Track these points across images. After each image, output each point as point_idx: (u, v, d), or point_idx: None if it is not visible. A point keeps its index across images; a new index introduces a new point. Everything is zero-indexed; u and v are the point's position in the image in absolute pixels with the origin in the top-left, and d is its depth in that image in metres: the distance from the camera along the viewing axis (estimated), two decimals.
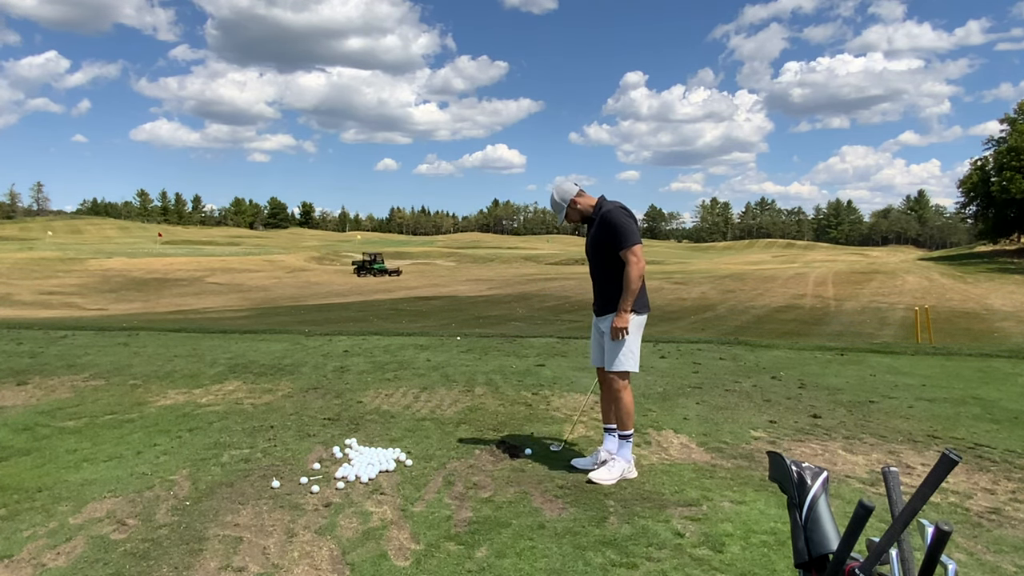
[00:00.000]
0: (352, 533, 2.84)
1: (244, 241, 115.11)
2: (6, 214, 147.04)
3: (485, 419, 4.67)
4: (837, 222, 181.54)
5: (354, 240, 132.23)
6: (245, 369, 6.50)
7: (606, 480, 3.41)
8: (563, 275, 53.95)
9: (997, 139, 60.63)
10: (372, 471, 3.52)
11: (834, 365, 7.06)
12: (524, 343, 8.43)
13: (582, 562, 2.57)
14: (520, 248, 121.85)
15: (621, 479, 3.43)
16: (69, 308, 31.70)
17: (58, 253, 59.30)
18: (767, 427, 4.56)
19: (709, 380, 6.07)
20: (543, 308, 27.79)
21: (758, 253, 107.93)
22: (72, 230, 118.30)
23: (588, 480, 3.44)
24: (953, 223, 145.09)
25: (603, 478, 3.42)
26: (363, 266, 58.67)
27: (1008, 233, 61.99)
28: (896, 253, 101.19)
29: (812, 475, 1.50)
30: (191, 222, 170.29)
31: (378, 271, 57.45)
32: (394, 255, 78.97)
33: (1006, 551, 2.71)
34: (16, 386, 5.73)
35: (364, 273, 57.25)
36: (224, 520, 2.96)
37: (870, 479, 3.55)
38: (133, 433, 4.31)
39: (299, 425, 4.49)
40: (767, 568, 2.52)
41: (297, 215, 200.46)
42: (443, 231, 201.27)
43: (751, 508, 3.10)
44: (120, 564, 2.55)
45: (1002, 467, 3.77)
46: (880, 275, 43.46)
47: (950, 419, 4.81)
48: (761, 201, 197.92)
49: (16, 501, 3.17)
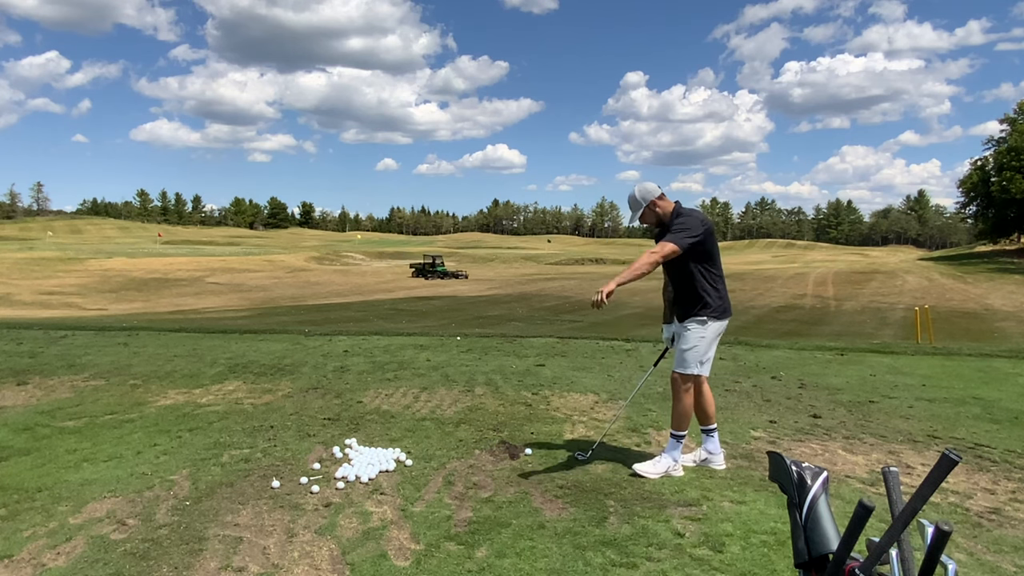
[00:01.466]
0: (352, 533, 2.84)
1: (244, 241, 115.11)
2: (6, 214, 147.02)
3: (485, 419, 4.67)
4: (837, 222, 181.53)
5: (354, 240, 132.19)
6: (245, 369, 6.50)
7: (651, 473, 3.52)
8: (563, 275, 53.96)
9: (997, 139, 60.67)
10: (372, 471, 3.52)
11: (834, 365, 7.06)
12: (524, 343, 8.43)
13: (582, 562, 2.57)
14: (520, 248, 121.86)
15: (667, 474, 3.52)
16: (69, 308, 31.69)
17: (58, 253, 59.29)
18: (767, 427, 4.56)
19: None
20: (543, 308, 27.79)
21: (758, 253, 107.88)
22: (72, 230, 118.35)
23: (632, 472, 3.55)
24: (953, 223, 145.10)
25: (648, 471, 3.53)
26: (424, 269, 55.41)
27: (1008, 233, 62.00)
28: (896, 253, 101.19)
29: (812, 475, 1.50)
30: (191, 222, 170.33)
31: (441, 274, 53.99)
32: (394, 255, 78.93)
33: (1006, 551, 2.71)
34: (16, 386, 5.73)
35: (429, 276, 53.69)
36: (224, 520, 2.96)
37: (870, 479, 3.55)
38: (133, 433, 4.31)
39: (299, 425, 4.49)
40: (767, 568, 2.52)
41: (297, 215, 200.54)
42: (443, 231, 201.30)
43: (751, 508, 3.10)
44: (120, 564, 2.55)
45: (1002, 467, 3.77)
46: (880, 275, 43.46)
47: (950, 419, 4.81)
48: (761, 201, 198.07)
49: (16, 501, 3.17)
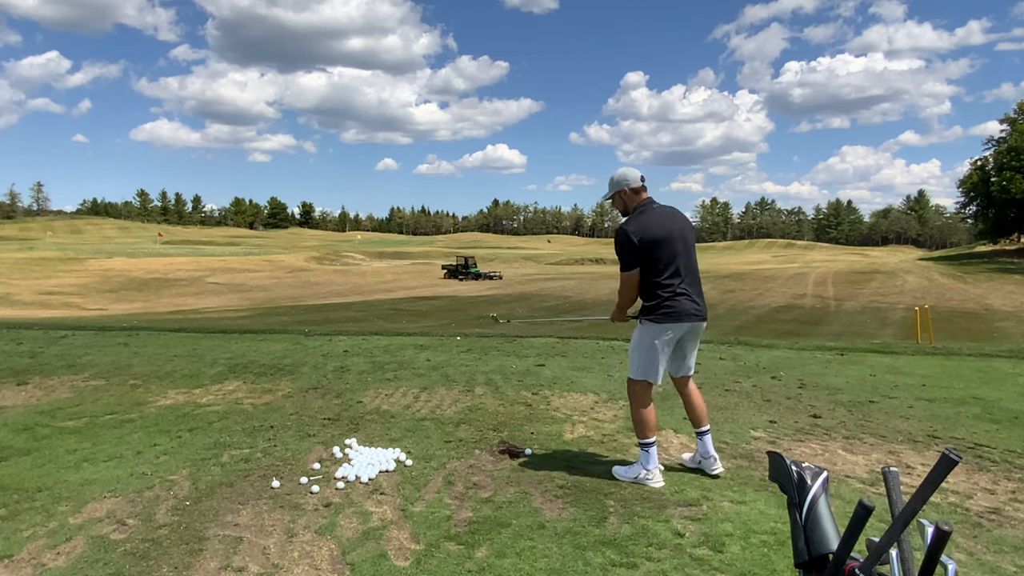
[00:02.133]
0: (352, 533, 2.84)
1: (244, 241, 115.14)
2: (6, 214, 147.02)
3: (485, 419, 4.67)
4: (837, 222, 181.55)
5: (354, 240, 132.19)
6: (245, 369, 6.50)
7: (622, 476, 3.51)
8: (563, 275, 53.99)
9: (997, 139, 60.65)
10: (372, 471, 3.52)
11: (834, 365, 7.06)
12: (524, 343, 8.43)
13: (582, 562, 2.57)
14: (520, 248, 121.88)
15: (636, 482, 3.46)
16: (69, 308, 31.69)
17: (58, 253, 59.29)
18: (767, 427, 4.56)
19: (709, 380, 6.06)
20: (543, 308, 27.80)
21: (758, 253, 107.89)
22: (72, 230, 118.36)
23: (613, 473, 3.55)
24: (953, 223, 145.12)
25: (620, 474, 3.53)
26: (456, 270, 54.37)
27: (1008, 233, 61.99)
28: (896, 253, 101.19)
29: (812, 475, 1.50)
30: (191, 222, 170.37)
31: (474, 275, 52.69)
32: (394, 255, 78.92)
33: (1006, 551, 2.71)
34: (16, 386, 5.73)
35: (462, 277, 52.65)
36: (224, 520, 2.96)
37: (870, 479, 3.54)
38: (133, 433, 4.31)
39: (299, 425, 4.49)
40: (767, 568, 2.52)
41: (297, 215, 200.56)
42: (443, 231, 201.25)
43: (751, 508, 3.10)
44: (120, 564, 2.55)
45: (1002, 467, 3.77)
46: (880, 275, 43.46)
47: (950, 419, 4.80)
48: (761, 201, 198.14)
49: (16, 501, 3.17)
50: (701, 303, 3.55)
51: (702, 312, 3.54)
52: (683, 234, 3.50)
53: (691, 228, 3.61)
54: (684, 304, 3.46)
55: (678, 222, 3.54)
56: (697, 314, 3.51)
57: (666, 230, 3.45)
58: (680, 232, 3.49)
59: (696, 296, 3.52)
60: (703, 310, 3.55)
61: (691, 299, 3.48)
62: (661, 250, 3.42)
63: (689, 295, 3.47)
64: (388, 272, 61.88)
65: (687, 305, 3.47)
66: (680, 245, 3.46)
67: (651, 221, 3.47)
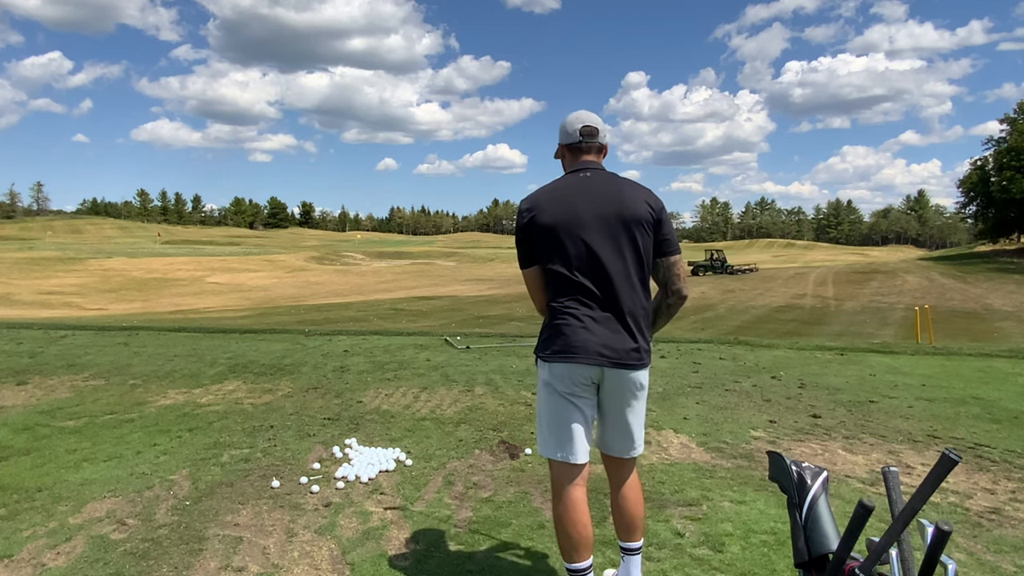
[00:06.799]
0: (352, 533, 2.84)
1: (244, 241, 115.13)
2: (6, 214, 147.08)
3: (485, 419, 4.66)
4: (837, 222, 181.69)
5: (354, 240, 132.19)
6: (245, 369, 6.50)
7: None
8: None
9: (997, 139, 60.60)
10: (372, 471, 3.52)
11: (834, 365, 7.06)
12: (524, 343, 8.43)
13: None
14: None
15: None
16: (69, 308, 31.69)
17: (58, 253, 59.28)
18: (767, 427, 4.56)
19: (709, 380, 6.06)
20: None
21: (758, 253, 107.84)
22: (72, 230, 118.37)
23: None
24: (953, 223, 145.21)
25: None
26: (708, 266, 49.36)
27: (1008, 233, 61.95)
28: (896, 253, 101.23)
29: (812, 475, 1.50)
30: (191, 222, 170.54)
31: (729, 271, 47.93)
32: (394, 255, 78.92)
33: (1006, 551, 2.71)
34: (16, 386, 5.73)
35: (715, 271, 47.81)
36: (224, 520, 2.95)
37: (870, 479, 3.54)
38: (133, 433, 4.31)
39: (299, 425, 4.49)
40: (767, 568, 2.52)
41: (297, 215, 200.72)
42: (443, 231, 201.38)
43: (751, 508, 3.10)
44: (120, 564, 2.55)
45: (1002, 467, 3.77)
46: (880, 275, 43.44)
47: (950, 419, 4.80)
48: (761, 201, 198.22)
49: (16, 501, 3.17)
50: (627, 338, 2.11)
51: (619, 353, 2.09)
52: (607, 220, 2.12)
53: (637, 211, 2.13)
54: (580, 336, 2.09)
55: (604, 199, 2.14)
56: (606, 355, 2.08)
57: (571, 211, 2.13)
58: (602, 217, 2.12)
59: (617, 324, 2.10)
60: (624, 350, 2.09)
61: (601, 327, 2.10)
62: (556, 243, 2.13)
63: (598, 321, 2.10)
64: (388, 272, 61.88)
65: (585, 338, 2.09)
66: (598, 236, 2.11)
67: (554, 195, 2.20)
